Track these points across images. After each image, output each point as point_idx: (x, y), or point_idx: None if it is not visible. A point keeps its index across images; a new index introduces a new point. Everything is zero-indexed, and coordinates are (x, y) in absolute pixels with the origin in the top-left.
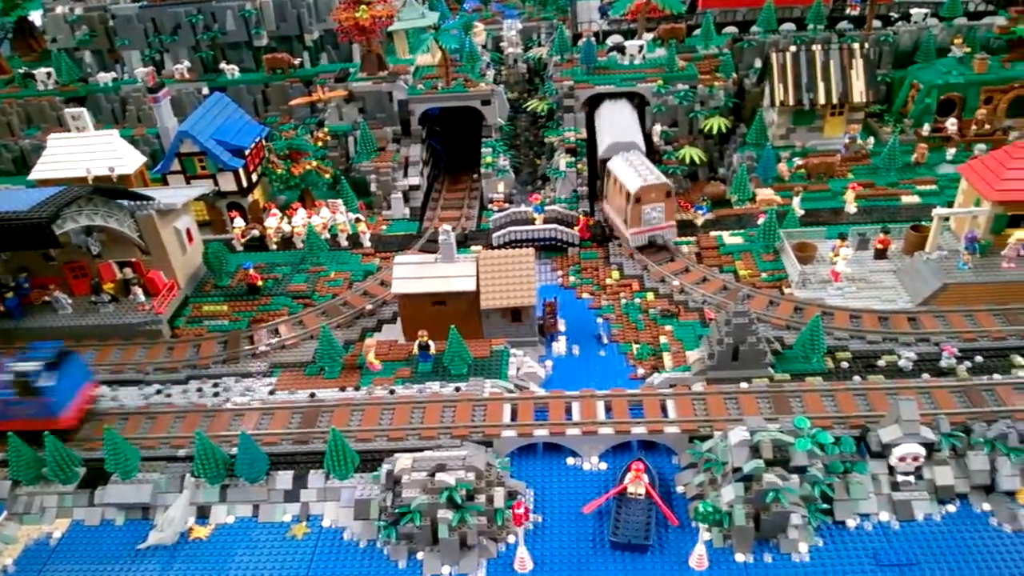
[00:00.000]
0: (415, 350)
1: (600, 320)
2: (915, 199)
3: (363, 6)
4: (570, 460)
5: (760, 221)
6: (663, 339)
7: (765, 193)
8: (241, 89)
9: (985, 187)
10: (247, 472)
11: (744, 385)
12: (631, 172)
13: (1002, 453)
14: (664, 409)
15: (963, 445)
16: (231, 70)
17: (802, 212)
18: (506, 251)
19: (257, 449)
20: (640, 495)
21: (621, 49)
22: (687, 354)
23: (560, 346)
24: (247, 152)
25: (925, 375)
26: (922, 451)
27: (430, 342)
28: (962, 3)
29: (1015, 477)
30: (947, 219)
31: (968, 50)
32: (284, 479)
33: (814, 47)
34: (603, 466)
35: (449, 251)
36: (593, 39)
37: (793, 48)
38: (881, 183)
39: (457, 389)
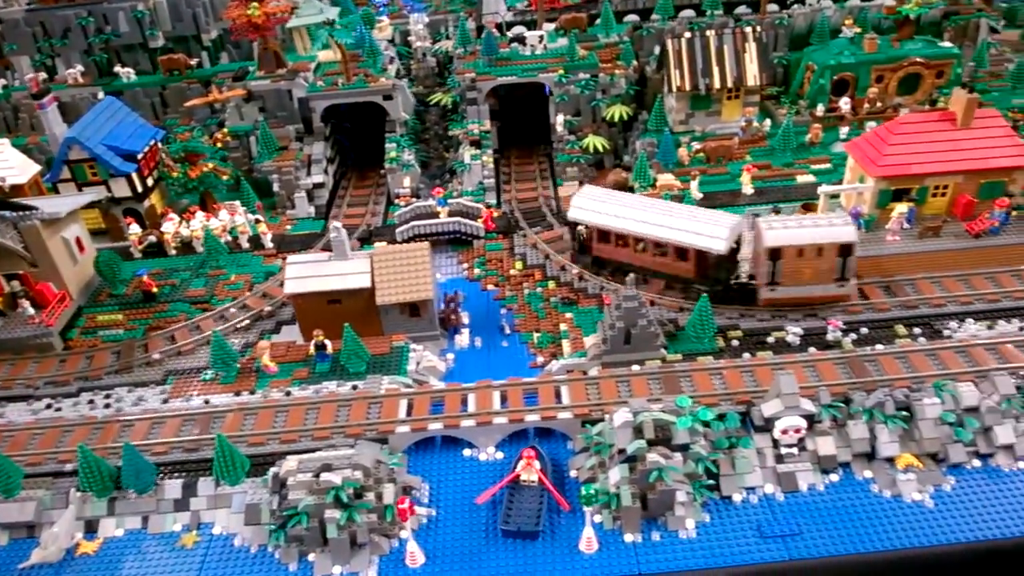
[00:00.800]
0: (312, 350)
1: (504, 311)
2: (810, 178)
3: (254, 3)
4: (467, 452)
5: None
6: (563, 326)
7: (665, 178)
8: (138, 92)
9: (868, 164)
10: (134, 483)
11: (636, 368)
12: None
13: (880, 421)
14: (558, 395)
15: (843, 415)
16: (126, 73)
17: (700, 196)
18: (401, 246)
19: (142, 459)
20: (533, 482)
21: (522, 40)
22: (584, 340)
23: (463, 339)
24: (140, 156)
25: (812, 349)
26: (803, 423)
27: (326, 341)
28: None
29: (894, 444)
30: (837, 196)
31: (859, 30)
32: (173, 488)
33: (708, 33)
34: (500, 456)
35: (342, 249)
36: (496, 31)
37: (688, 34)
38: (777, 164)
39: (354, 388)
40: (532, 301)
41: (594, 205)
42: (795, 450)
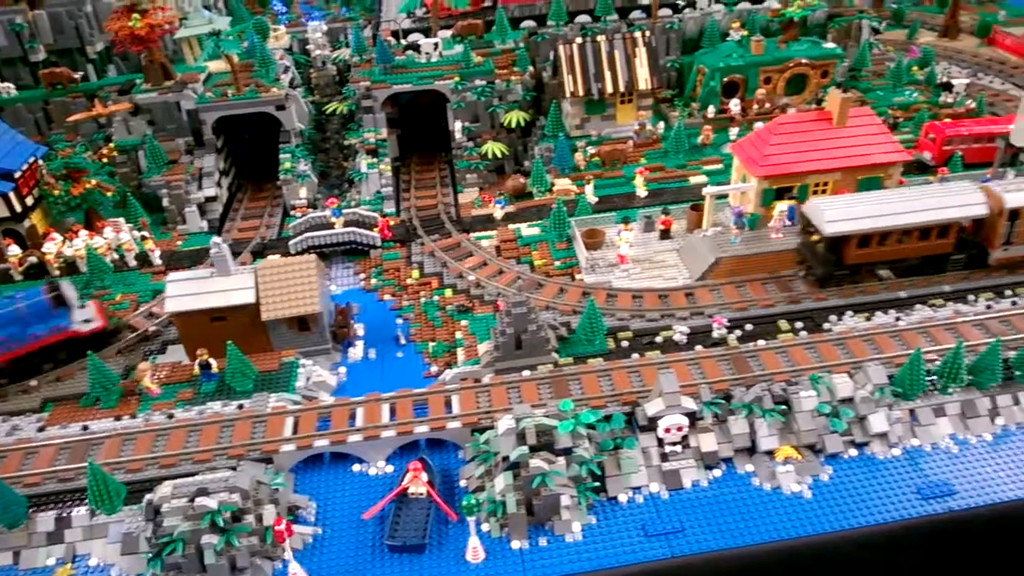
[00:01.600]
0: (196, 370)
1: (400, 321)
2: (703, 179)
3: (136, 15)
4: (356, 467)
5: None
6: (458, 334)
7: (562, 183)
8: (20, 108)
9: (751, 164)
10: (2, 517)
11: (526, 373)
12: None
13: (759, 415)
14: (449, 405)
15: (724, 411)
16: (6, 88)
17: (596, 200)
18: (286, 259)
19: (11, 492)
20: (421, 495)
21: (417, 48)
22: (479, 347)
23: (357, 351)
24: (17, 175)
25: (698, 347)
26: (685, 421)
27: (211, 360)
28: None
29: (773, 437)
30: (725, 196)
31: (745, 33)
32: (46, 521)
33: (599, 39)
34: (390, 469)
35: (224, 264)
36: (392, 38)
37: (579, 40)
38: (671, 165)
39: (240, 407)
40: (428, 310)
41: (849, 213)
42: (679, 448)
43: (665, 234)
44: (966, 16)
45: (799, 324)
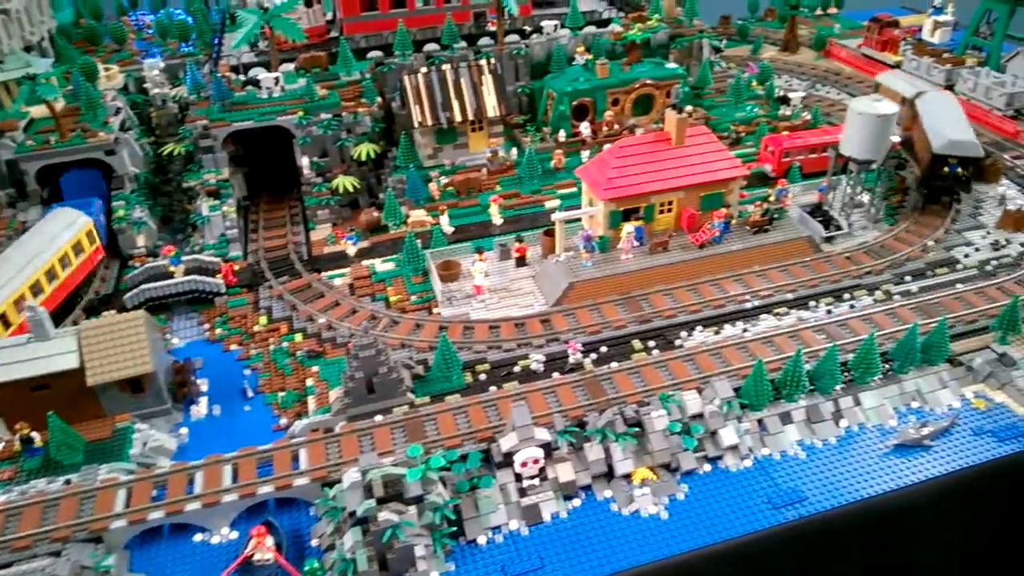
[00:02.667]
0: (17, 446)
1: (247, 372)
2: (557, 203)
3: None
4: (198, 537)
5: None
6: (309, 382)
7: (417, 214)
8: None
9: (596, 188)
10: None
11: (379, 418)
12: None
13: (613, 440)
14: (297, 460)
15: (578, 439)
16: None
17: (452, 230)
18: (112, 318)
19: None
20: (268, 561)
21: (256, 83)
22: (330, 394)
23: (200, 409)
24: None
25: (555, 374)
26: (540, 453)
27: (33, 434)
28: (588, 12)
29: (628, 460)
30: (577, 220)
31: (590, 57)
32: None
33: (444, 68)
34: (234, 536)
35: (41, 329)
36: (232, 73)
37: (424, 69)
38: (526, 191)
39: (67, 482)
40: (278, 358)
41: None
42: (537, 481)
43: (521, 261)
44: (805, 30)
45: (652, 343)
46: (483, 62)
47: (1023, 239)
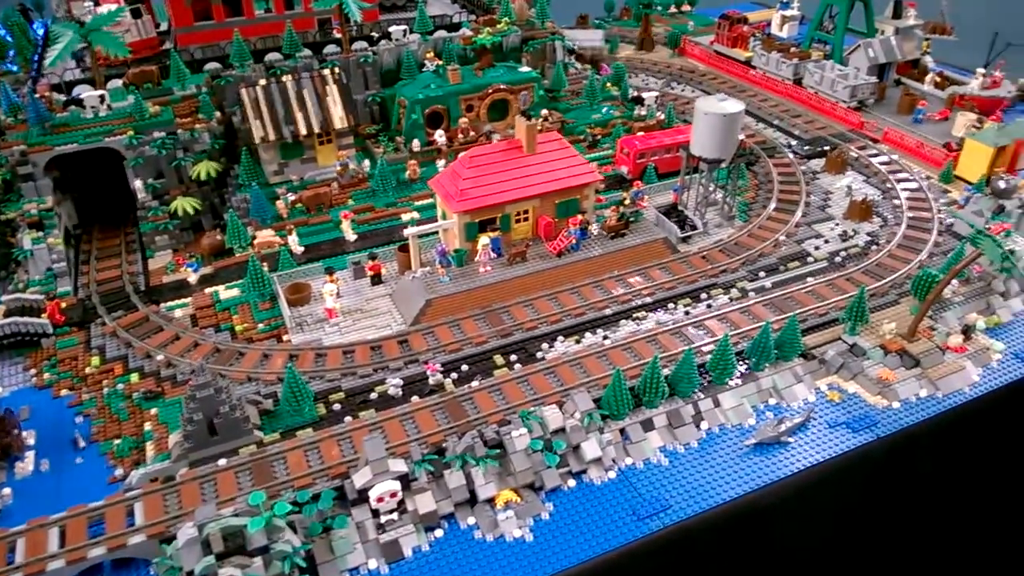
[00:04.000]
0: None
1: (79, 419)
2: (415, 215)
3: None
4: None
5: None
6: (147, 426)
7: (264, 235)
8: None
9: (448, 200)
10: None
11: (222, 462)
12: None
13: (473, 464)
14: (131, 515)
15: (438, 467)
16: None
17: (302, 249)
18: None
19: None
20: None
21: (79, 102)
22: (169, 438)
23: (26, 465)
24: None
25: (415, 398)
26: (397, 485)
27: None
28: (438, 17)
29: (490, 484)
30: (434, 234)
31: (440, 63)
32: None
33: (285, 79)
34: None
35: None
36: (54, 93)
37: (263, 82)
38: (380, 205)
39: None
40: (112, 401)
41: None
42: (396, 515)
43: (376, 279)
44: (661, 28)
45: (514, 357)
46: (327, 72)
47: (869, 229)
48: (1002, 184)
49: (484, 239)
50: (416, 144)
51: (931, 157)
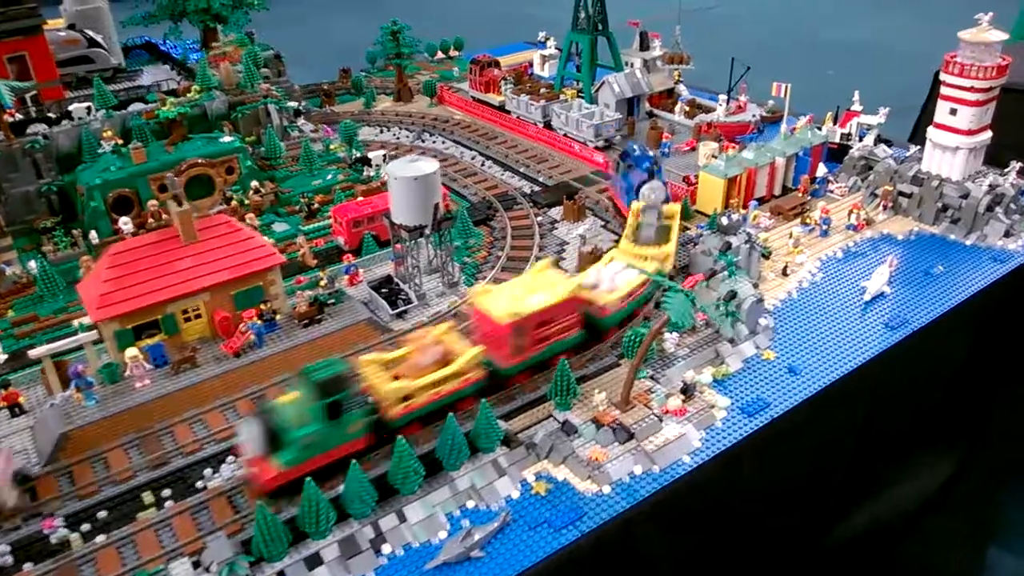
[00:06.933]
0: None
1: None
2: (87, 320)
3: None
4: None
5: None
6: None
7: None
8: None
9: (89, 307)
10: None
11: None
12: None
13: None
14: None
15: None
16: None
17: None
18: None
19: None
20: None
21: None
22: None
23: None
24: None
25: (28, 565)
26: None
27: None
28: (127, 90)
29: None
30: (81, 349)
31: (118, 141)
32: None
33: None
34: None
35: None
36: None
37: None
38: (46, 313)
39: None
40: None
41: None
42: None
43: (15, 410)
44: (428, 76)
45: (168, 491)
46: None
47: None
48: (725, 220)
49: (131, 351)
50: (94, 236)
51: (674, 192)
